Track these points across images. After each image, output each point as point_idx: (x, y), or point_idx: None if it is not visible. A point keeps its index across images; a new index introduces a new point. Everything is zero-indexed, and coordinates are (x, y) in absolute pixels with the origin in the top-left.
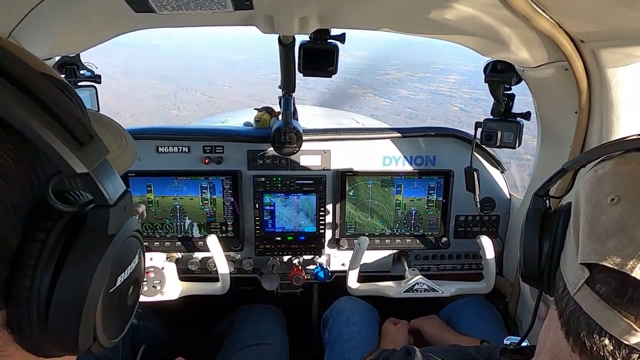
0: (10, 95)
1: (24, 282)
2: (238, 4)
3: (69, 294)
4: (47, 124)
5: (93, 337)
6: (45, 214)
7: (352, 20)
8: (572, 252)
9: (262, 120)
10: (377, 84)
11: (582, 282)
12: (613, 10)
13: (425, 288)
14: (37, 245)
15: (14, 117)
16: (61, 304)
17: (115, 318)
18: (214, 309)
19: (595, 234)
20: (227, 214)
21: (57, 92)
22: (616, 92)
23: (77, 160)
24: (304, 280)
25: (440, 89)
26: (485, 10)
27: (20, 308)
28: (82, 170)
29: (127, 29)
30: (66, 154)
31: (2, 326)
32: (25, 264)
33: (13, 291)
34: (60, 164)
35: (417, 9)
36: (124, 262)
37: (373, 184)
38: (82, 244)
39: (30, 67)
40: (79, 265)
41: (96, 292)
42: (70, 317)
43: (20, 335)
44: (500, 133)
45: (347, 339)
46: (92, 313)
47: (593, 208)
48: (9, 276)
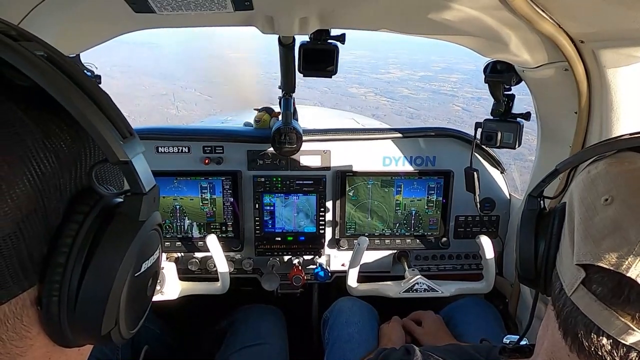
0: (74, 94)
1: (60, 259)
2: (238, 5)
3: (100, 274)
4: (99, 117)
5: (115, 321)
6: (84, 200)
7: (352, 20)
8: (568, 253)
9: (262, 121)
10: (378, 83)
11: (579, 282)
12: (613, 11)
13: (425, 288)
14: (75, 226)
15: (75, 110)
16: (92, 282)
17: (136, 307)
18: (213, 309)
19: (590, 234)
20: (227, 214)
21: (104, 93)
22: (616, 92)
23: (121, 149)
24: (304, 281)
25: (442, 88)
26: (485, 10)
27: (53, 285)
28: (124, 158)
29: (127, 30)
30: (112, 142)
31: (32, 303)
32: (62, 242)
33: (48, 268)
34: (107, 150)
35: (417, 10)
36: (149, 250)
37: (373, 184)
38: (116, 226)
39: (80, 70)
40: (112, 246)
41: (124, 273)
42: (99, 294)
43: (47, 314)
44: (500, 133)
45: (347, 339)
46: (119, 293)
47: (587, 209)
48: (47, 253)
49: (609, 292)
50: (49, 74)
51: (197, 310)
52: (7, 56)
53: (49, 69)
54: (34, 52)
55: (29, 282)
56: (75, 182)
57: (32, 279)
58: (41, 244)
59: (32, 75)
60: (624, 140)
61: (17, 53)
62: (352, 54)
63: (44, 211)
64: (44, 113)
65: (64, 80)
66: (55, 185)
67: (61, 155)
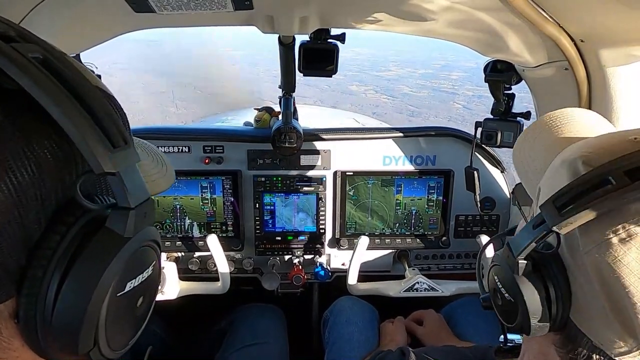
0: (59, 98)
1: (37, 272)
2: (238, 4)
3: (77, 290)
4: (85, 123)
5: (94, 341)
6: (70, 211)
7: (352, 20)
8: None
9: (262, 120)
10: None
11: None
12: (613, 10)
13: (426, 287)
14: (55, 237)
15: (58, 115)
16: (68, 298)
17: (121, 326)
18: (214, 308)
19: None
20: (227, 213)
21: (101, 99)
22: (616, 91)
23: (107, 160)
24: (304, 280)
25: (443, 85)
26: (485, 10)
27: (30, 298)
28: (110, 169)
29: (127, 29)
30: (98, 151)
31: (10, 315)
32: (41, 254)
33: (26, 280)
34: (90, 159)
35: (417, 10)
36: (137, 269)
37: (373, 184)
38: (97, 242)
39: (80, 75)
40: (90, 262)
41: (103, 292)
42: (74, 312)
43: (25, 328)
44: (501, 133)
45: (347, 338)
46: (96, 313)
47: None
48: (25, 264)
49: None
50: (33, 77)
51: (198, 310)
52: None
53: (34, 72)
54: (24, 54)
55: (5, 294)
56: (62, 191)
57: (9, 291)
58: (18, 254)
59: (16, 77)
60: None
61: (3, 54)
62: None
63: (21, 221)
64: (29, 119)
65: (50, 84)
66: (34, 195)
67: (44, 164)
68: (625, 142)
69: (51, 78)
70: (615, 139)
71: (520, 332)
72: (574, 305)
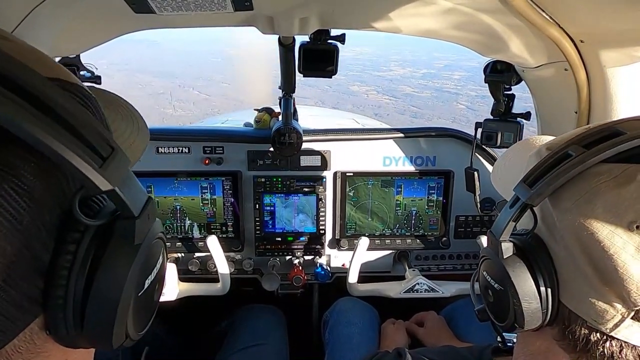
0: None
1: (59, 292)
2: (238, 5)
3: (102, 302)
4: (66, 142)
5: (125, 335)
6: (73, 226)
7: (352, 21)
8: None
9: (262, 121)
10: (380, 81)
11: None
12: (613, 10)
13: (426, 288)
14: (68, 257)
15: (30, 137)
16: (94, 311)
17: (144, 315)
18: (214, 309)
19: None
20: (227, 214)
21: (72, 102)
22: (616, 92)
23: (102, 178)
24: (304, 281)
25: (445, 86)
26: (485, 11)
27: (57, 314)
28: (107, 187)
29: (127, 30)
30: (90, 172)
31: (40, 328)
32: (58, 275)
33: (49, 300)
34: (86, 182)
35: (417, 10)
36: (151, 266)
37: (373, 185)
38: (112, 255)
39: (35, 74)
40: (110, 274)
41: (127, 298)
42: (104, 321)
43: (57, 336)
44: (501, 133)
45: (347, 339)
46: (124, 317)
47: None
48: (44, 287)
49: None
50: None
51: (198, 311)
52: None
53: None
54: None
55: (31, 316)
56: (60, 210)
57: (35, 311)
58: (35, 280)
59: None
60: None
61: None
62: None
63: (29, 252)
64: (7, 149)
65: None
66: (37, 226)
67: (35, 192)
68: (580, 130)
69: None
70: (571, 131)
71: (515, 325)
72: (561, 285)
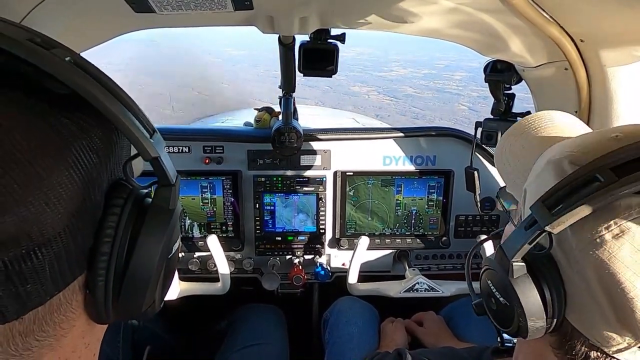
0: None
1: (104, 249)
2: (238, 4)
3: (143, 260)
4: (130, 116)
5: (153, 299)
6: (118, 192)
7: (352, 20)
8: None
9: (262, 120)
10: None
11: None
12: (613, 10)
13: (426, 288)
14: (114, 217)
15: (110, 114)
16: (135, 268)
17: (167, 283)
18: (214, 309)
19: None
20: (227, 214)
21: (126, 93)
22: (616, 91)
23: (152, 146)
24: (304, 280)
25: (447, 86)
26: (485, 10)
27: (100, 271)
28: (155, 154)
29: (127, 29)
30: (144, 140)
31: (80, 288)
32: (105, 233)
33: (95, 257)
34: (140, 148)
35: (418, 10)
36: (177, 233)
37: (373, 184)
38: (153, 217)
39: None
40: (151, 235)
41: (163, 257)
42: (142, 280)
43: (94, 298)
44: (501, 133)
45: (347, 339)
46: (158, 276)
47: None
48: (94, 244)
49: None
50: (82, 81)
51: (198, 311)
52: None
53: (82, 76)
54: (64, 59)
55: (80, 270)
56: (110, 175)
57: (82, 267)
58: (89, 235)
59: (67, 82)
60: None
61: (53, 63)
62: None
63: (91, 206)
64: (81, 116)
65: (94, 86)
66: (97, 181)
67: (100, 152)
68: (607, 140)
69: (90, 79)
70: (596, 138)
71: (517, 335)
72: (569, 305)
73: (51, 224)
